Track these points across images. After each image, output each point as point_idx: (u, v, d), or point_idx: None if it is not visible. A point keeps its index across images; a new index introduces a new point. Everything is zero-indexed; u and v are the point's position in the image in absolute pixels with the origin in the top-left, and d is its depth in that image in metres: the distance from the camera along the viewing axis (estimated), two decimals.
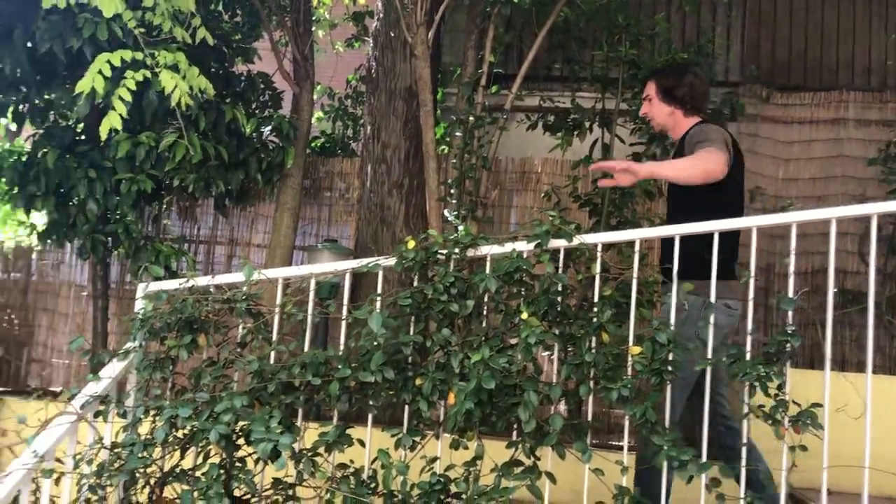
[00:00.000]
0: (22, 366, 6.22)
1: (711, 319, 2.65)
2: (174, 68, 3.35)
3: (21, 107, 4.99)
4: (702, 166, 2.97)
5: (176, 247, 5.23)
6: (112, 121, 3.12)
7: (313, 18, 5.99)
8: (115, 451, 2.70)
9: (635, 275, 2.67)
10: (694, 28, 6.10)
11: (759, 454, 2.98)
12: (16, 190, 4.95)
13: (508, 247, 2.72)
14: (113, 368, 2.85)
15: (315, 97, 5.75)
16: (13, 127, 5.04)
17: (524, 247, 2.69)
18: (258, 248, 6.04)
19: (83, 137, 5.08)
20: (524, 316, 2.56)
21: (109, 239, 5.05)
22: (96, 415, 2.78)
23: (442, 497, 2.56)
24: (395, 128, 5.33)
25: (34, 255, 6.39)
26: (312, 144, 6.39)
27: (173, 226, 6.13)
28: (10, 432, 2.67)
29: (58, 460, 2.69)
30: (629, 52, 4.74)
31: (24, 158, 4.97)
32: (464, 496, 2.49)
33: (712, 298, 2.65)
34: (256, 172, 5.12)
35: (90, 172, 4.75)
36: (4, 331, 6.29)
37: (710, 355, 2.64)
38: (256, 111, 5.50)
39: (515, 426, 2.58)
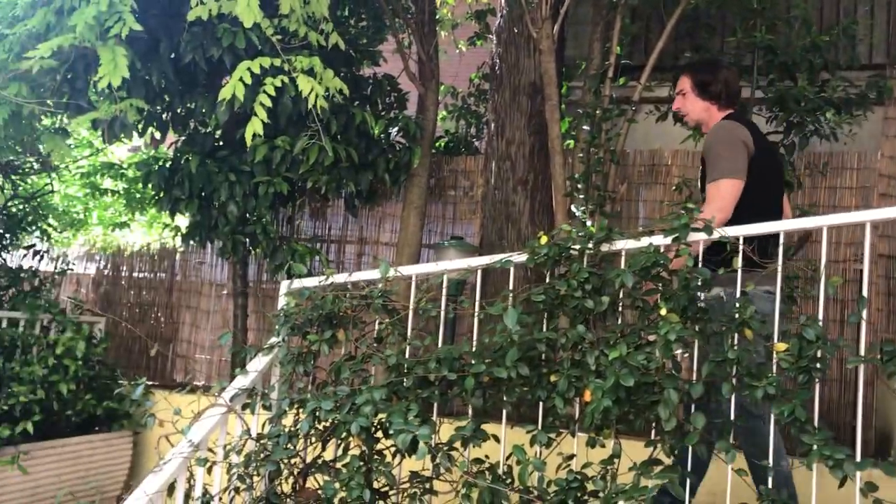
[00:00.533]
0: (168, 360, 6.60)
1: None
2: (310, 72, 3.47)
3: (164, 115, 5.29)
4: (718, 218, 3.03)
5: (310, 246, 5.42)
6: (255, 127, 3.26)
7: (436, 18, 6.05)
8: (262, 441, 2.82)
9: (780, 268, 2.56)
10: (834, 8, 5.78)
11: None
12: (162, 195, 5.25)
13: (644, 241, 2.66)
14: (259, 363, 2.97)
15: (439, 97, 5.81)
16: (157, 135, 5.34)
17: (661, 241, 2.62)
18: (386, 246, 6.16)
19: (221, 143, 5.33)
20: (663, 312, 2.50)
21: (248, 239, 5.28)
22: (244, 407, 2.91)
23: (579, 494, 2.53)
24: (520, 124, 5.32)
25: (178, 256, 6.76)
26: (437, 144, 6.46)
27: (306, 226, 6.35)
28: (166, 423, 2.83)
29: (209, 450, 2.83)
30: (765, 37, 4.55)
31: (168, 164, 5.26)
32: (601, 494, 2.46)
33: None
34: (384, 173, 5.23)
35: (230, 176, 4.99)
36: (151, 328, 6.69)
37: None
38: (383, 113, 5.62)
39: (654, 424, 2.53)
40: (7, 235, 5.91)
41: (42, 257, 6.30)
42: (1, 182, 5.92)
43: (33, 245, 6.23)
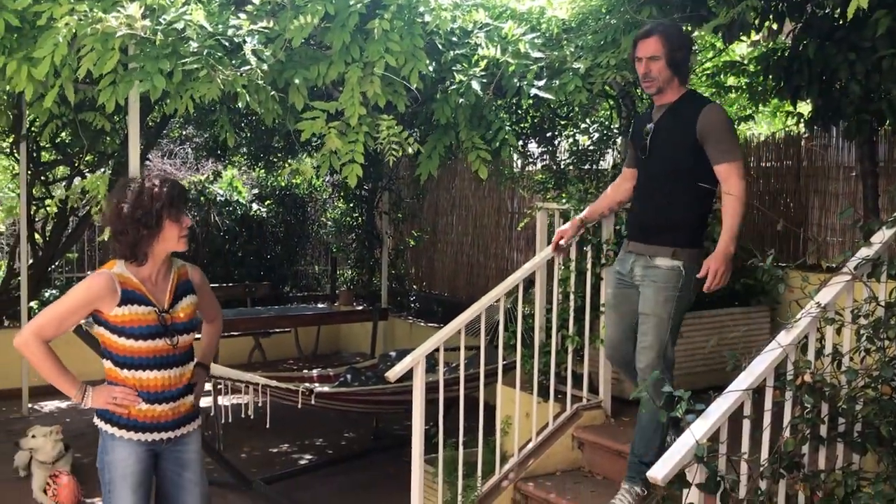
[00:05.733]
0: (799, 244, 6.83)
1: None
2: None
3: (780, 6, 5.42)
4: (744, 201, 3.53)
5: None
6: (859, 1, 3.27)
7: None
8: (892, 308, 2.96)
9: None
10: None
11: None
12: (782, 84, 5.46)
13: None
14: (883, 234, 3.10)
15: None
16: (774, 27, 5.52)
17: None
18: None
19: (840, 23, 5.24)
20: None
21: (873, 117, 5.16)
22: (869, 276, 3.08)
23: None
24: None
25: (802, 142, 6.87)
26: None
27: None
28: (796, 289, 3.18)
29: (837, 313, 3.09)
30: None
31: (786, 54, 5.42)
32: None
33: None
34: None
35: (849, 55, 4.93)
36: (780, 214, 6.97)
37: None
38: None
39: None
40: None
41: None
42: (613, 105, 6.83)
43: None
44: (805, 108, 5.88)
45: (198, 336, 3.43)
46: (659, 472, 2.67)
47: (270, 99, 3.96)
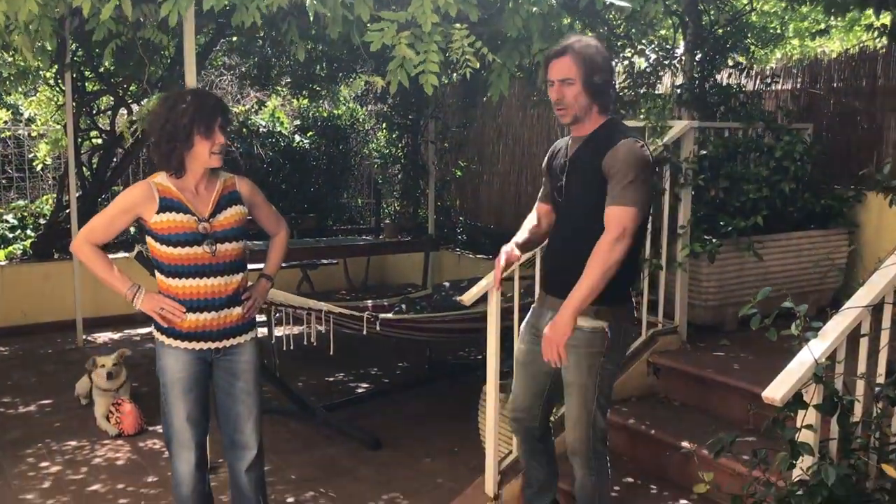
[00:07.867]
0: (873, 165, 6.52)
1: None
2: None
3: None
4: (616, 258, 2.86)
5: None
6: None
7: None
8: None
9: None
10: None
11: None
12: None
13: None
14: None
15: None
16: None
17: None
18: None
19: None
20: None
21: None
22: None
23: None
24: None
25: (879, 59, 6.49)
26: None
27: None
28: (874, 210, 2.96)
29: None
30: None
31: None
32: None
33: None
34: None
35: None
36: (851, 134, 6.64)
37: None
38: None
39: None
40: (717, 56, 6.50)
41: (745, 73, 6.75)
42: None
43: (738, 63, 6.71)
44: (887, 20, 5.52)
45: (259, 262, 3.51)
46: (776, 392, 2.52)
47: (340, 6, 3.75)
